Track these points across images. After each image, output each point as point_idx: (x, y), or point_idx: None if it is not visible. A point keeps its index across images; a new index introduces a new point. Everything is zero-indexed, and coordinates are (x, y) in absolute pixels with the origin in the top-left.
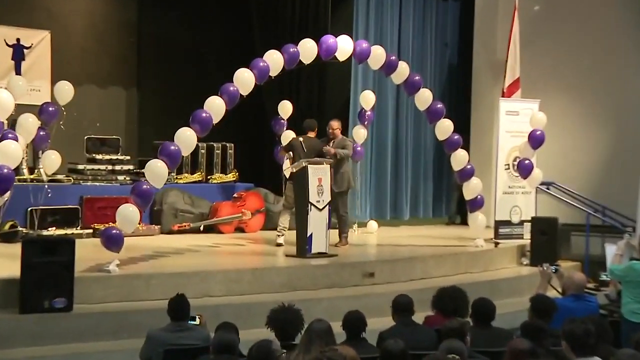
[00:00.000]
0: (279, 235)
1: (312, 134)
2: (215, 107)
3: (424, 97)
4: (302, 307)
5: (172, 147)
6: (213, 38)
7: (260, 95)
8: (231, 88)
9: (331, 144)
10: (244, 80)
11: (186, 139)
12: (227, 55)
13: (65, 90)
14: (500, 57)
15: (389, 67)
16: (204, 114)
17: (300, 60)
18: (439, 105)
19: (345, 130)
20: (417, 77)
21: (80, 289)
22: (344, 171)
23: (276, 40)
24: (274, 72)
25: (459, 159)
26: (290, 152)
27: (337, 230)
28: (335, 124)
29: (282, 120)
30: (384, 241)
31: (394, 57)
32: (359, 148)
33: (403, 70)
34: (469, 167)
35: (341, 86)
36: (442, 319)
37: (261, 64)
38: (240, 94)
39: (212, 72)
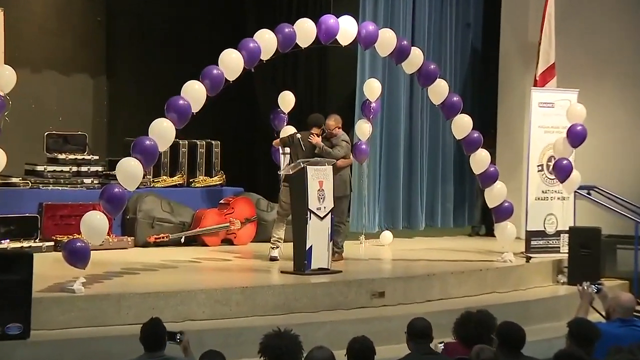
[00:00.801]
0: (273, 248)
1: (316, 131)
2: (194, 93)
3: (439, 89)
4: (301, 332)
5: (148, 142)
6: (197, 15)
7: (252, 84)
8: (214, 71)
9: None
10: (231, 62)
11: (163, 131)
12: (214, 36)
13: (6, 76)
14: (533, 40)
15: (400, 54)
16: (180, 101)
17: (296, 43)
18: (455, 99)
19: (351, 126)
20: (432, 66)
21: (38, 312)
22: (342, 173)
23: (272, 18)
24: (265, 55)
25: (480, 160)
26: (287, 149)
27: None
28: (332, 122)
29: (282, 114)
30: (396, 255)
31: (405, 42)
32: (363, 146)
33: (416, 57)
34: (491, 169)
35: (346, 75)
36: (464, 347)
37: (251, 44)
38: (226, 79)
39: (195, 56)
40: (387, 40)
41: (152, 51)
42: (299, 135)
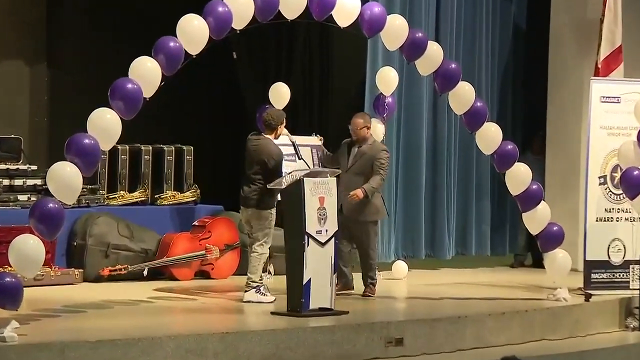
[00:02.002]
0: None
1: (281, 130)
2: (145, 72)
3: (463, 95)
4: None
5: (86, 141)
6: None
7: (235, 74)
8: (171, 44)
9: (353, 152)
10: (192, 31)
11: (106, 125)
12: (179, 12)
13: None
14: (592, 17)
15: (413, 49)
16: (128, 85)
17: (280, 12)
18: (478, 104)
19: None
20: (452, 66)
21: None
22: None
23: None
24: (239, 23)
25: (518, 178)
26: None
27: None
28: (361, 121)
29: None
30: (418, 291)
31: (420, 35)
32: None
33: (434, 54)
34: (534, 187)
35: (353, 64)
36: None
37: (220, 8)
38: (187, 53)
39: (158, 33)
40: (395, 29)
41: (104, 35)
42: (294, 140)
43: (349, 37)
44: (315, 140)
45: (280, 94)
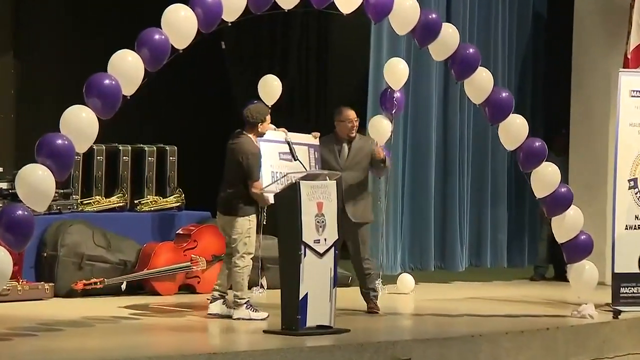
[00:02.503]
0: (211, 300)
1: (266, 126)
2: (126, 67)
3: (481, 83)
4: None
5: (59, 141)
6: None
7: (223, 66)
8: (156, 36)
9: (344, 150)
10: (179, 23)
11: (81, 124)
12: (165, 2)
13: None
14: (621, 2)
15: (425, 32)
16: (106, 81)
17: (275, 1)
18: (502, 95)
19: (362, 122)
20: (471, 50)
21: None
22: (368, 192)
23: None
24: (230, 15)
25: (545, 178)
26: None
27: (359, 286)
28: (354, 112)
29: None
30: (426, 307)
31: (434, 16)
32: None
33: (449, 38)
34: (562, 190)
35: (355, 54)
36: None
37: None
38: (173, 48)
39: (140, 23)
40: (406, 11)
41: (82, 20)
42: (289, 138)
43: (349, 25)
44: (312, 138)
45: (270, 87)
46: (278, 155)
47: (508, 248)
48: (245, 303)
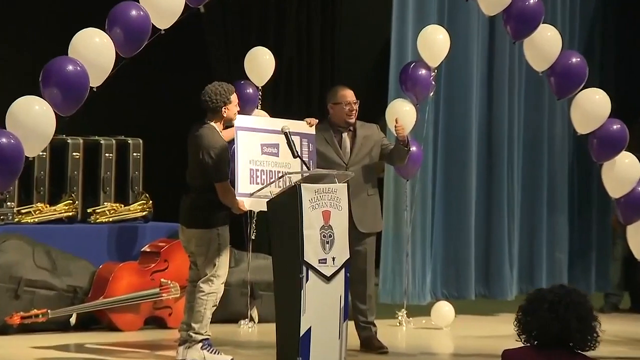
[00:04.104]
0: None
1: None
2: (93, 50)
3: (545, 44)
4: None
5: (3, 140)
6: None
7: (201, 43)
8: (133, 12)
9: (346, 140)
10: None
11: (34, 121)
12: None
13: None
14: None
15: None
16: (69, 67)
17: None
18: (574, 60)
19: (381, 108)
20: (531, 1)
21: None
22: (375, 193)
23: None
24: None
25: (619, 172)
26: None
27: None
28: (351, 94)
29: (249, 89)
30: (467, 345)
31: None
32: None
33: None
34: None
35: (373, 22)
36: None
37: None
38: (154, 27)
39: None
40: None
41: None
42: (289, 128)
43: None
44: (305, 126)
45: (260, 63)
46: (260, 148)
47: (569, 271)
48: (202, 341)
